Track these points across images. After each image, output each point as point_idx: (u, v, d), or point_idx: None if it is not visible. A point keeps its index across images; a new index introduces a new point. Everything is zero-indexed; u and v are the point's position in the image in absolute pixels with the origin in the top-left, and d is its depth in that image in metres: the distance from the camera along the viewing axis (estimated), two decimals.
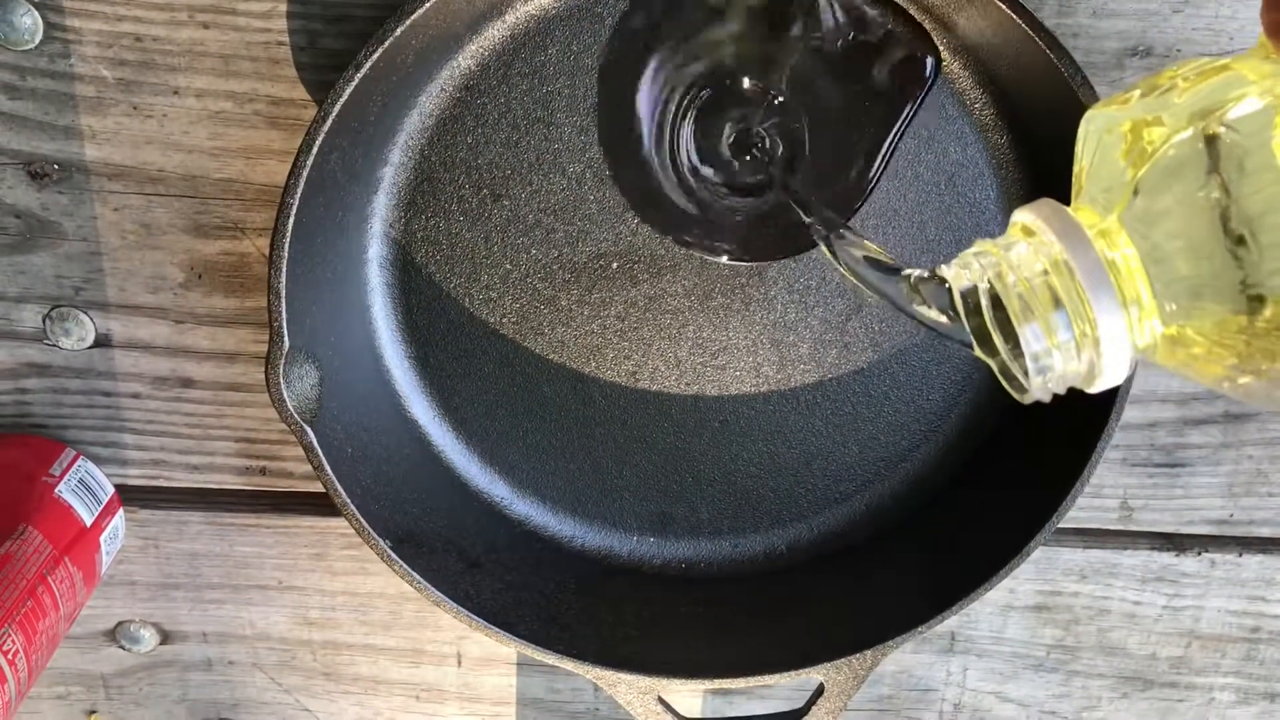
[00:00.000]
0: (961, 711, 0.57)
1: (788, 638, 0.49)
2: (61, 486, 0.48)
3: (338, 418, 0.45)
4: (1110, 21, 0.43)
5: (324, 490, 0.44)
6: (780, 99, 0.44)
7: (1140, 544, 0.53)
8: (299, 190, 0.40)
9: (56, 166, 0.46)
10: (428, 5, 0.38)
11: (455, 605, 0.46)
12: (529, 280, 0.47)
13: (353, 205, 0.45)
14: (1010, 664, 0.56)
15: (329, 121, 0.39)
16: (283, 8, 0.43)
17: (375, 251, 0.46)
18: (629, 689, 0.48)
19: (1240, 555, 0.53)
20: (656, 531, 0.51)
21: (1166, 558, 0.53)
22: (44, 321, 0.48)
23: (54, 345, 0.49)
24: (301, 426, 0.42)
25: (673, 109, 0.44)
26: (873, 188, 0.45)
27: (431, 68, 0.43)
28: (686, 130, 0.44)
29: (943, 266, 0.28)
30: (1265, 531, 0.52)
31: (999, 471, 0.49)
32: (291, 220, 0.40)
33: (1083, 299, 0.26)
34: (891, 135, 0.44)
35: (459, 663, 0.56)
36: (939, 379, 0.49)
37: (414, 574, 0.45)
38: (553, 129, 0.45)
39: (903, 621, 0.47)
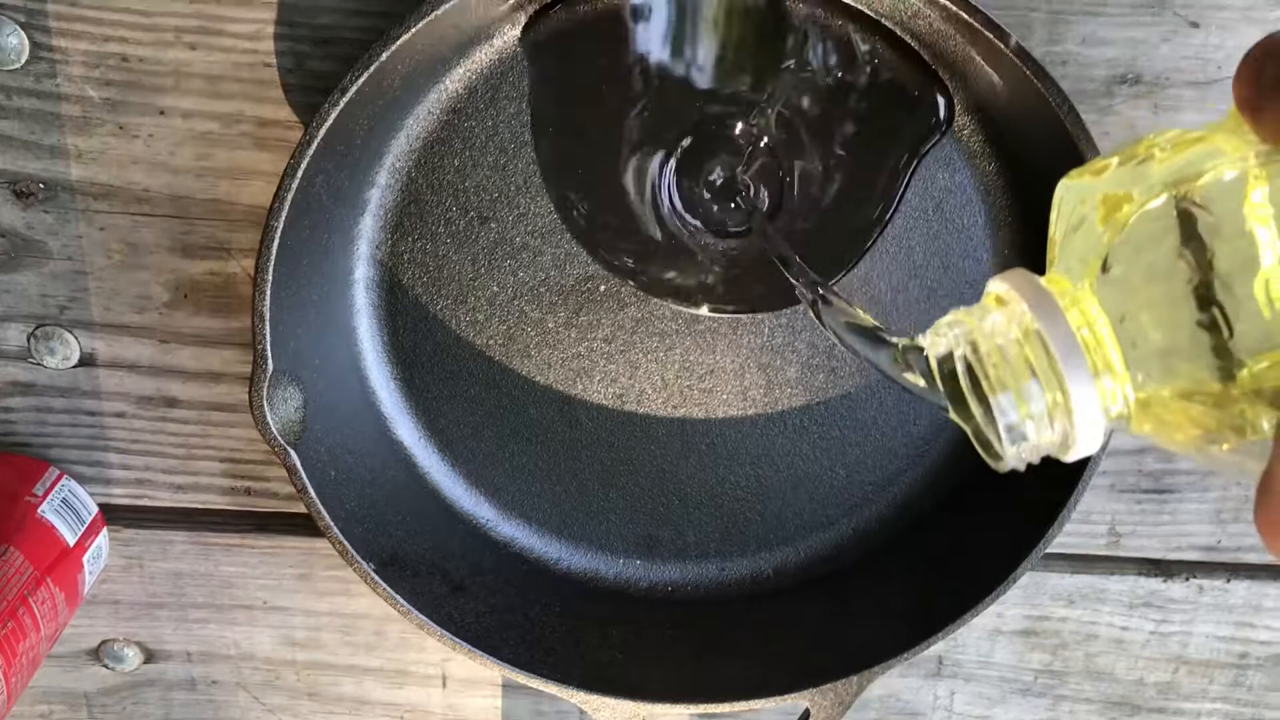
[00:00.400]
0: None
1: (774, 662, 0.49)
2: (44, 506, 0.48)
3: (322, 440, 0.45)
4: (1099, 50, 0.43)
5: (308, 511, 0.44)
6: (766, 143, 0.44)
7: (1128, 569, 0.53)
8: (284, 212, 0.40)
9: (42, 186, 0.46)
10: (415, 29, 0.38)
11: (439, 628, 0.46)
12: (516, 302, 0.47)
13: (339, 227, 0.44)
14: (998, 688, 0.55)
15: (315, 144, 0.39)
16: (270, 29, 0.43)
17: (361, 273, 0.46)
18: (613, 713, 0.48)
19: (1228, 581, 0.53)
20: (643, 554, 0.51)
21: (1154, 583, 0.53)
22: (28, 340, 0.48)
23: (38, 364, 0.48)
24: (285, 449, 0.42)
25: (656, 155, 0.44)
26: (864, 253, 0.45)
27: (418, 91, 0.43)
28: (668, 173, 0.44)
29: (920, 336, 0.28)
30: (1253, 558, 0.52)
31: (986, 496, 0.49)
32: (276, 243, 0.40)
33: (1055, 369, 0.26)
34: (895, 196, 0.44)
35: (444, 684, 0.55)
36: (927, 404, 0.49)
37: (398, 597, 0.45)
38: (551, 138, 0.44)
39: (890, 646, 0.47)
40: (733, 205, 0.45)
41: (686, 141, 0.44)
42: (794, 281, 0.39)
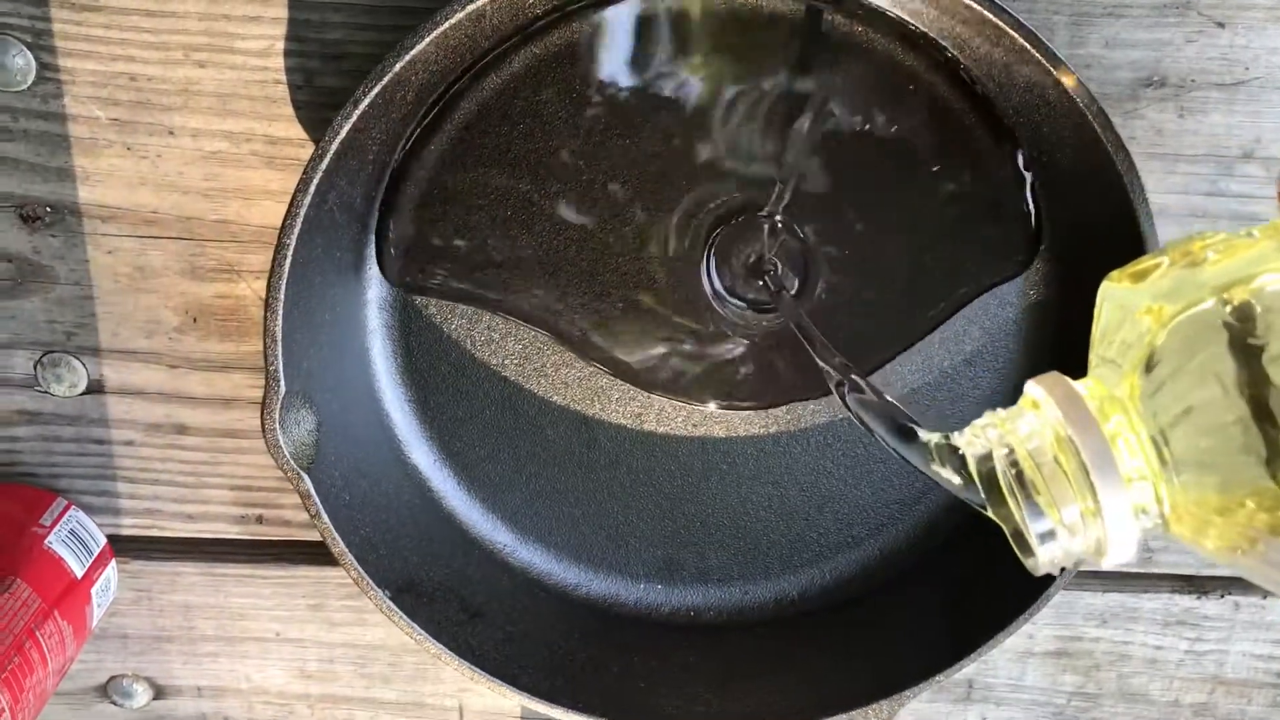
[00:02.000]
0: None
1: (801, 688, 0.48)
2: (52, 537, 0.47)
3: (335, 464, 0.44)
4: (1123, 52, 0.43)
5: (322, 539, 0.43)
6: (791, 223, 0.44)
7: (1162, 587, 0.51)
8: (296, 230, 0.39)
9: (49, 209, 0.45)
10: (426, 41, 0.37)
11: (456, 657, 0.44)
12: None
13: (351, 246, 0.44)
14: (1029, 712, 0.54)
15: (327, 159, 0.38)
16: (279, 45, 0.43)
17: (374, 293, 0.45)
18: None
19: (1265, 597, 0.51)
20: (663, 579, 0.50)
21: (1189, 600, 0.52)
22: (35, 368, 0.47)
23: (45, 392, 0.48)
24: (298, 473, 0.41)
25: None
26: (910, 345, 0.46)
27: (430, 105, 0.42)
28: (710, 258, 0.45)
29: (956, 435, 0.29)
30: None
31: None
32: (289, 262, 0.39)
33: (1087, 478, 0.26)
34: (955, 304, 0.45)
35: (460, 716, 0.54)
36: (953, 419, 0.48)
37: (414, 625, 0.44)
38: (555, 169, 0.44)
39: (919, 670, 0.46)
40: (760, 284, 0.45)
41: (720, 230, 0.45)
42: (821, 364, 0.39)
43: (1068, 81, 0.38)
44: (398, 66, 0.37)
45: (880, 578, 0.50)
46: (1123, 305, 0.27)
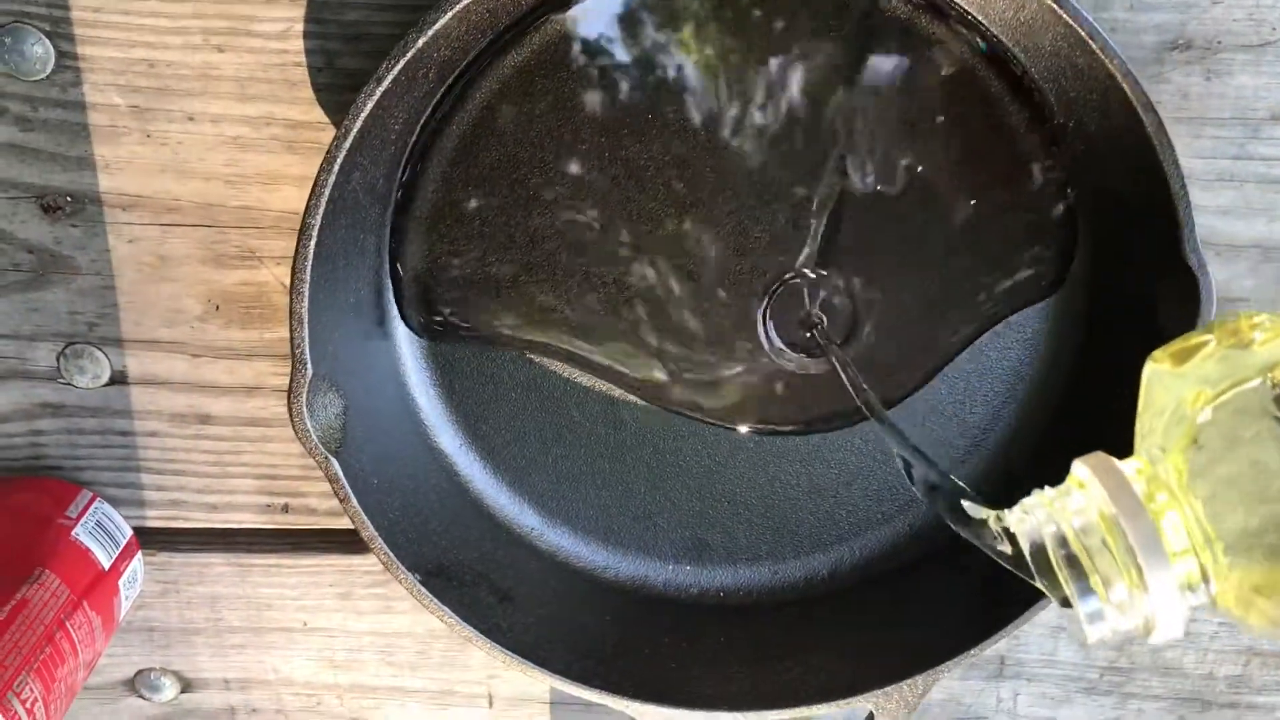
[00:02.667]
0: None
1: (833, 666, 0.47)
2: (78, 529, 0.46)
3: (363, 448, 0.43)
4: (1148, 15, 0.42)
5: (348, 526, 0.42)
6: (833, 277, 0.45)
7: None
8: (320, 211, 0.38)
9: (69, 199, 0.45)
10: (448, 15, 0.37)
11: (487, 640, 0.44)
12: None
13: (375, 227, 0.43)
14: (1062, 688, 0.54)
15: (351, 137, 0.37)
16: (299, 27, 0.42)
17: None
18: None
19: None
20: (693, 559, 0.50)
21: None
22: (58, 360, 0.47)
23: (68, 384, 0.47)
24: (326, 457, 0.41)
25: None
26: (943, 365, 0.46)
27: (452, 82, 0.42)
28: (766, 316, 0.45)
29: (1006, 513, 0.29)
30: None
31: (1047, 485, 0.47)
32: (313, 243, 0.39)
33: (1134, 559, 0.26)
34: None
35: (490, 704, 0.54)
36: (981, 392, 0.48)
37: (444, 608, 0.43)
38: (578, 145, 0.43)
39: (952, 645, 0.45)
40: (808, 336, 0.45)
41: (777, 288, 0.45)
42: (883, 428, 0.39)
43: (1094, 43, 0.37)
44: (420, 42, 0.37)
45: (911, 554, 0.49)
46: (1168, 384, 0.28)
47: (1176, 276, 0.40)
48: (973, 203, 0.44)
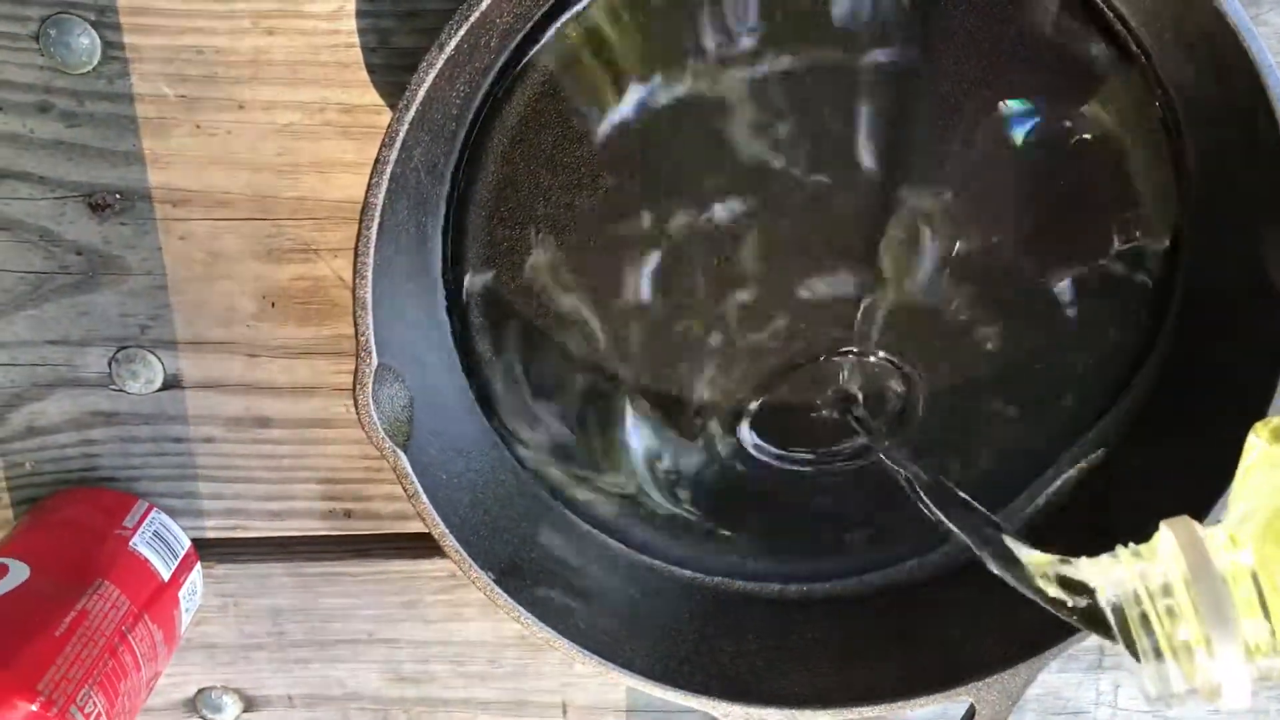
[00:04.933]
0: None
1: (927, 659, 0.45)
2: (136, 539, 0.45)
3: (429, 442, 0.41)
4: None
5: (414, 530, 0.41)
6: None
7: None
8: (383, 189, 0.36)
9: (118, 196, 0.43)
10: None
11: (566, 641, 0.42)
12: None
13: (435, 210, 0.42)
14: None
15: (414, 109, 0.36)
16: (350, 6, 0.41)
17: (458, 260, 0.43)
18: None
19: None
20: (774, 554, 0.47)
21: None
22: (110, 365, 0.45)
23: (121, 390, 0.46)
24: (395, 450, 0.39)
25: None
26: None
27: (514, 54, 0.40)
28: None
29: (1085, 561, 0.30)
30: None
31: (1149, 463, 0.45)
32: (376, 224, 0.37)
33: (1205, 627, 0.27)
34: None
35: (564, 713, 0.52)
36: (1076, 385, 0.45)
37: (520, 608, 0.41)
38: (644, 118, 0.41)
39: (1055, 633, 0.43)
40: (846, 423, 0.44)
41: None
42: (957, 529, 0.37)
43: None
44: (484, 5, 0.35)
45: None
46: (1267, 461, 0.28)
47: None
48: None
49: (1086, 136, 0.42)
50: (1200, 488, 0.40)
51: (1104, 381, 0.45)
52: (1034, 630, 0.43)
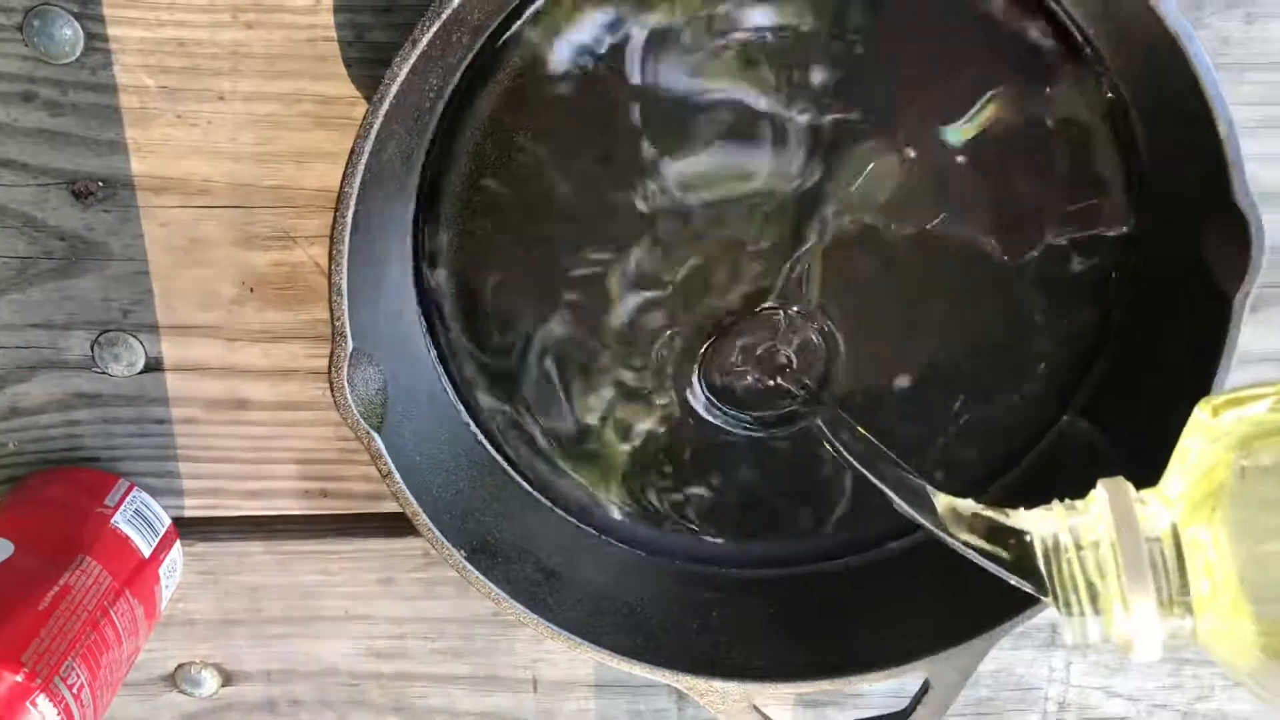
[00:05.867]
0: (1067, 710, 0.54)
1: (885, 635, 0.47)
2: (117, 517, 0.46)
3: (403, 424, 0.43)
4: None
5: (389, 510, 0.42)
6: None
7: None
8: (357, 179, 0.38)
9: (101, 184, 0.44)
10: None
11: (535, 616, 0.43)
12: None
13: (409, 198, 0.43)
14: (1116, 656, 0.53)
15: (386, 103, 0.37)
16: (328, 1, 0.42)
17: (432, 247, 0.44)
18: (721, 698, 0.45)
19: None
20: (738, 532, 0.49)
21: None
22: (92, 348, 0.47)
23: (103, 373, 0.47)
24: (369, 432, 0.40)
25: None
26: None
27: (485, 49, 0.41)
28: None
29: (1022, 513, 0.32)
30: None
31: (1107, 437, 0.47)
32: (351, 212, 0.38)
33: (1122, 582, 0.29)
34: None
35: (535, 688, 0.53)
36: (1035, 365, 0.47)
37: (491, 585, 0.43)
38: (615, 105, 0.43)
39: (1007, 608, 0.44)
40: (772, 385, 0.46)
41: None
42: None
43: None
44: (456, 2, 0.36)
45: None
46: (1204, 433, 0.30)
47: (1228, 223, 0.39)
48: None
49: (1038, 126, 0.43)
50: (1150, 465, 0.42)
51: (1061, 362, 0.47)
52: (987, 607, 0.45)
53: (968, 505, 0.33)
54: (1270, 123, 0.44)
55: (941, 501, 0.34)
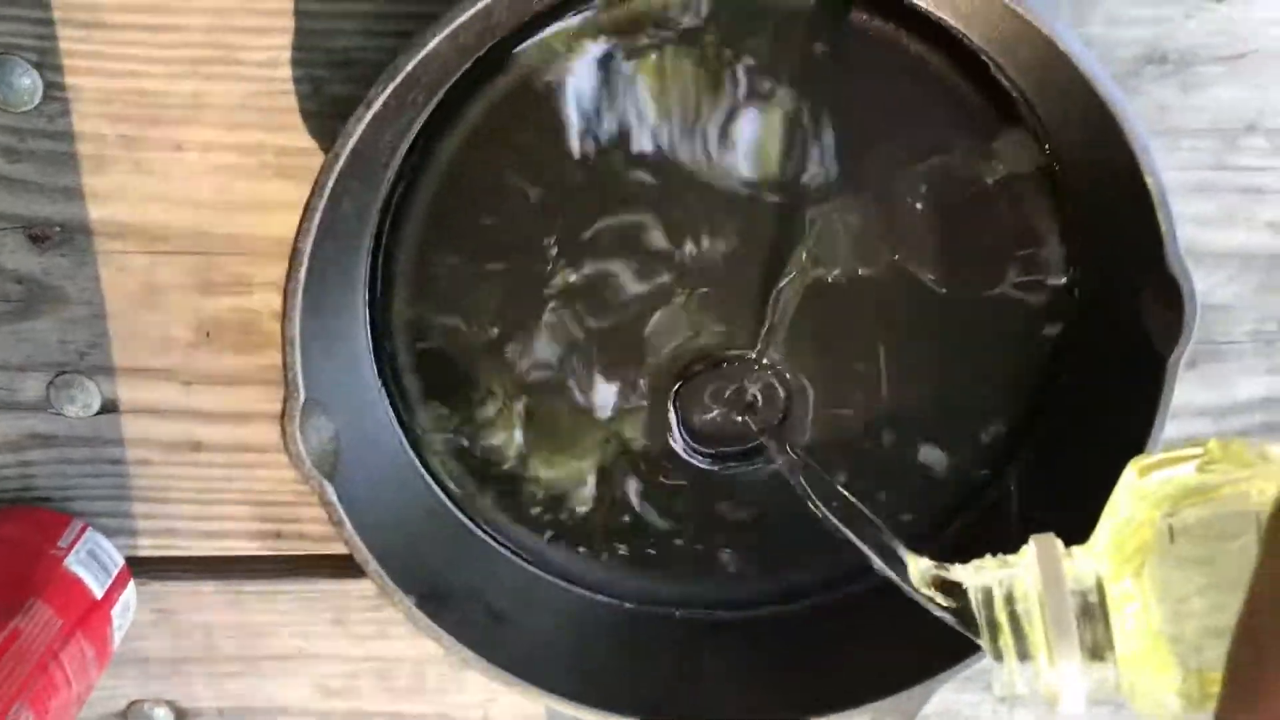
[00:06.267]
0: None
1: (825, 681, 0.47)
2: (70, 558, 0.46)
3: (355, 471, 0.43)
4: (1124, 29, 0.43)
5: (342, 551, 0.42)
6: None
7: None
8: (311, 235, 0.38)
9: (58, 228, 0.45)
10: (438, 39, 0.37)
11: (483, 661, 0.44)
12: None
13: (365, 251, 0.44)
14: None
15: (341, 161, 0.38)
16: (286, 55, 0.43)
17: (385, 298, 0.45)
18: None
19: None
20: (688, 577, 0.50)
21: None
22: (48, 390, 0.47)
23: (58, 414, 0.47)
24: (320, 481, 0.41)
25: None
26: None
27: (439, 105, 0.42)
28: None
29: (958, 566, 0.33)
30: None
31: (1047, 488, 0.48)
32: (304, 268, 0.39)
33: (1048, 636, 0.30)
34: None
35: None
36: (977, 413, 0.48)
37: (440, 630, 0.43)
38: (566, 166, 0.44)
39: (951, 655, 0.45)
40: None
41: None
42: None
43: (1072, 57, 0.38)
44: (410, 65, 0.37)
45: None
46: (1131, 491, 0.31)
47: (1161, 285, 0.40)
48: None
49: (982, 182, 0.44)
50: (1086, 522, 0.43)
51: (1000, 412, 0.48)
52: (930, 652, 0.46)
53: (919, 560, 0.34)
54: (1204, 186, 0.45)
55: (901, 553, 0.36)
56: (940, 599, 0.34)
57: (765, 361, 0.46)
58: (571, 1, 0.41)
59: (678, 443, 0.47)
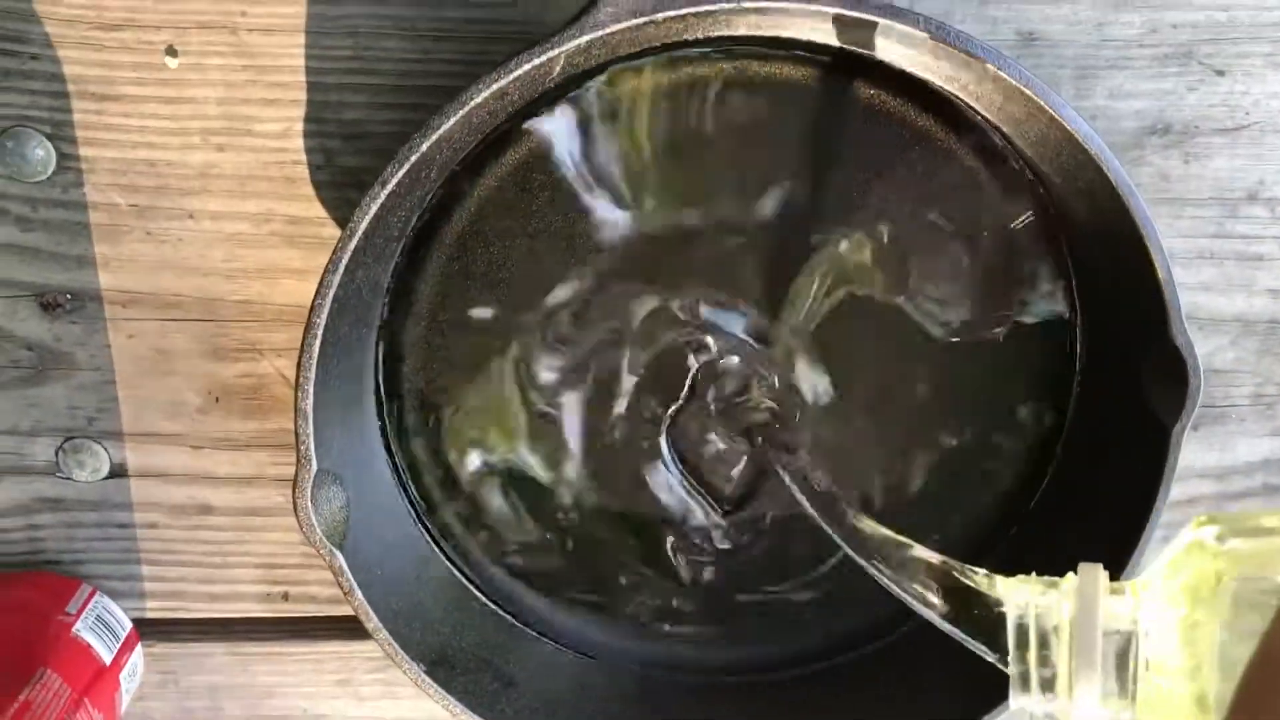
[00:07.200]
0: None
1: None
2: (79, 624, 0.46)
3: (365, 539, 0.43)
4: (1127, 102, 0.44)
5: (348, 614, 0.42)
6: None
7: None
8: (325, 310, 0.39)
9: (69, 296, 0.45)
10: (453, 121, 0.37)
11: None
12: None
13: (376, 322, 0.44)
14: None
15: (355, 239, 0.38)
16: (298, 126, 0.43)
17: (396, 367, 0.45)
18: None
19: None
20: (696, 641, 0.50)
21: None
22: (57, 454, 0.47)
23: (67, 478, 0.47)
24: (331, 551, 0.41)
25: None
26: None
27: (451, 181, 0.42)
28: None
29: (1000, 579, 0.32)
30: None
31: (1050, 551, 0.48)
32: (318, 343, 0.39)
33: (1072, 665, 0.30)
34: None
35: None
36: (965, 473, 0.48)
37: (449, 697, 0.43)
38: (575, 239, 0.44)
39: (969, 706, 0.45)
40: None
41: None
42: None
43: (1075, 132, 0.38)
44: (425, 146, 0.37)
45: (910, 624, 0.50)
46: (1190, 544, 0.30)
47: (1164, 356, 0.41)
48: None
49: (988, 254, 0.45)
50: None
51: (1004, 486, 0.48)
52: (938, 713, 0.46)
53: (929, 554, 0.34)
54: (1206, 254, 0.46)
55: (917, 552, 0.35)
56: (961, 606, 0.33)
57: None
58: (581, 76, 0.42)
59: (661, 498, 0.48)
